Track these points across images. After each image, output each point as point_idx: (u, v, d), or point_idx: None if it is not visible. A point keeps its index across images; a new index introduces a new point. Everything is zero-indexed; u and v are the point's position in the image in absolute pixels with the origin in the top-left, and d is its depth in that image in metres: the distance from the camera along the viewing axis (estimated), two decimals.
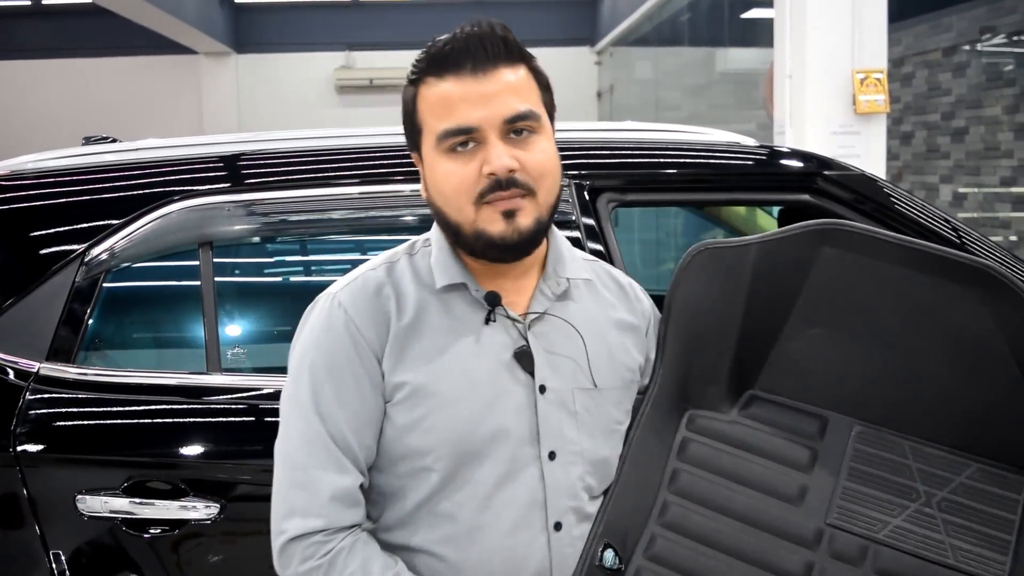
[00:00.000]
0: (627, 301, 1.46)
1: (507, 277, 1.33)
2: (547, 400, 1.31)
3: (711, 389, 1.49)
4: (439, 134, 1.25)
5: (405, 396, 1.27)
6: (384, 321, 1.29)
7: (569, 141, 2.15)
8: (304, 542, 1.23)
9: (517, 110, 1.24)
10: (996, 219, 7.21)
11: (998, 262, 2.00)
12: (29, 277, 1.83)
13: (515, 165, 1.23)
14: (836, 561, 1.34)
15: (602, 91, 13.95)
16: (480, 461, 1.27)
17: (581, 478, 1.33)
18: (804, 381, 1.49)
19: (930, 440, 1.43)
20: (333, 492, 1.24)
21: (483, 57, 1.24)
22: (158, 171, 1.99)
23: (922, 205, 2.15)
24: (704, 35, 10.83)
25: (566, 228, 1.96)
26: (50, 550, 1.70)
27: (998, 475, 1.40)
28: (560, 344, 1.34)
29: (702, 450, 1.45)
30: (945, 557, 1.33)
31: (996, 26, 7.14)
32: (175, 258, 1.97)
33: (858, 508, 1.38)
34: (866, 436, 1.45)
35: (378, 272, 1.33)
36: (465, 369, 1.28)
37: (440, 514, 1.28)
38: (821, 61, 5.04)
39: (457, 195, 1.25)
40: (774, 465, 1.43)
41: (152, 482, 1.72)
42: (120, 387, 1.79)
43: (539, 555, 1.29)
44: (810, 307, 1.47)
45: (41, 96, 13.53)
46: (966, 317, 1.38)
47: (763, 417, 1.48)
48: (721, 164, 2.17)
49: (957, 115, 7.64)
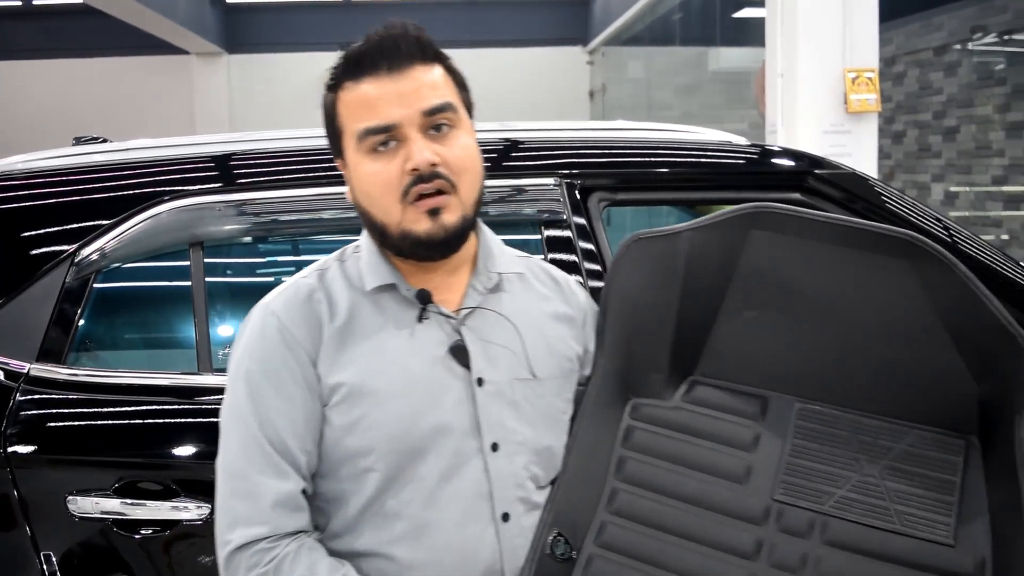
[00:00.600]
0: (562, 294, 1.47)
1: (437, 275, 1.34)
2: (486, 392, 1.32)
3: (652, 377, 1.51)
4: (359, 134, 1.26)
5: (342, 397, 1.28)
6: (317, 325, 1.30)
7: (560, 140, 2.16)
8: (249, 551, 1.23)
9: (434, 103, 1.26)
10: (987, 218, 7.23)
11: (991, 262, 2.01)
12: (19, 277, 1.82)
13: (436, 159, 1.25)
14: (785, 535, 1.37)
15: (594, 90, 13.97)
16: (423, 457, 1.28)
17: (526, 467, 1.33)
18: (743, 363, 1.52)
19: (870, 411, 1.46)
20: (275, 498, 1.24)
21: (398, 56, 1.25)
22: (148, 171, 1.98)
23: (913, 204, 2.16)
24: (696, 34, 10.85)
25: (557, 228, 1.96)
26: (41, 551, 1.69)
27: (937, 439, 1.43)
28: (496, 336, 1.35)
29: (647, 437, 1.48)
30: (892, 524, 1.36)
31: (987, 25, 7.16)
32: (166, 258, 1.96)
33: (803, 482, 1.41)
34: (807, 412, 1.48)
35: (309, 279, 1.35)
36: (401, 367, 1.29)
37: (386, 514, 1.28)
38: (813, 60, 5.05)
39: (383, 195, 1.27)
40: (719, 447, 1.46)
41: (143, 483, 1.71)
42: (111, 388, 1.79)
43: (489, 547, 1.29)
44: (744, 290, 1.50)
45: (32, 96, 13.51)
46: (896, 288, 1.41)
47: (705, 401, 1.51)
48: (712, 163, 2.17)
49: (948, 114, 7.67)
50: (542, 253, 1.95)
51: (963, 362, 1.39)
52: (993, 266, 1.99)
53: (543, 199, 2.00)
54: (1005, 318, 1.33)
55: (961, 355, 1.39)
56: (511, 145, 2.12)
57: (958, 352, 1.39)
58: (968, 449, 1.42)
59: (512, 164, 2.08)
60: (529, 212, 2.02)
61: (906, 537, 1.34)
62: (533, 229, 2.02)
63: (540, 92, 13.35)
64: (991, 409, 1.39)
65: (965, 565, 1.31)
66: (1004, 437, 1.34)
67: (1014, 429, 1.32)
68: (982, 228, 7.10)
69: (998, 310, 1.34)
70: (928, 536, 1.34)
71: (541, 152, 2.11)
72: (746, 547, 1.36)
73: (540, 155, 2.10)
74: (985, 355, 1.37)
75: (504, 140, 2.13)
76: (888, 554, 1.34)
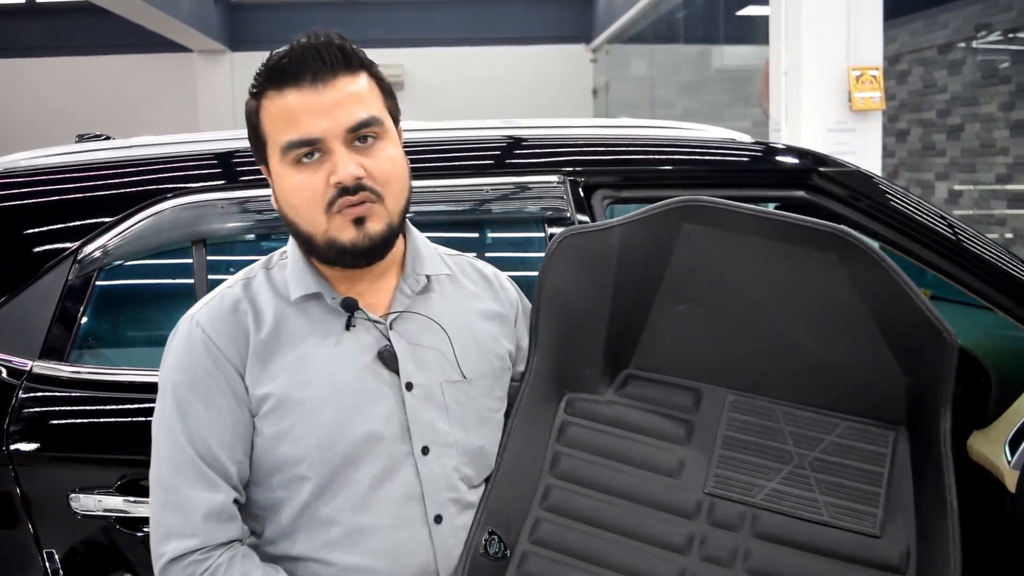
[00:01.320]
0: (492, 291, 1.48)
1: (364, 280, 1.34)
2: (415, 396, 1.32)
3: (587, 372, 1.52)
4: (283, 146, 1.25)
5: (271, 408, 1.28)
6: (243, 336, 1.30)
7: (564, 137, 2.15)
8: (182, 563, 1.24)
9: (359, 118, 1.25)
10: (992, 216, 7.22)
11: (996, 260, 2.00)
12: (22, 275, 1.82)
13: (361, 173, 1.24)
14: (716, 529, 1.38)
15: (597, 88, 13.95)
16: (356, 464, 1.28)
17: (457, 469, 1.34)
18: (677, 356, 1.53)
19: (801, 403, 1.48)
20: (207, 510, 1.25)
21: (321, 67, 1.24)
22: (151, 168, 1.98)
23: (918, 202, 2.15)
24: (699, 32, 10.84)
25: (561, 225, 1.95)
26: (43, 549, 1.69)
27: (866, 431, 1.45)
28: (424, 340, 1.35)
29: (581, 432, 1.48)
30: (820, 515, 1.38)
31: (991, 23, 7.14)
32: (168, 256, 1.96)
33: (735, 475, 1.43)
34: (739, 404, 1.50)
35: (234, 289, 1.34)
36: (328, 375, 1.29)
37: (320, 520, 1.29)
38: (817, 58, 5.05)
39: (308, 206, 1.26)
40: (652, 441, 1.47)
41: (146, 480, 1.71)
42: (114, 385, 1.78)
43: (422, 549, 1.30)
44: (676, 283, 1.50)
45: (35, 94, 13.51)
46: (826, 281, 1.42)
47: (639, 395, 1.52)
48: (716, 160, 2.17)
49: (952, 112, 7.65)
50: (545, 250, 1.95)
51: (891, 354, 1.41)
52: (999, 265, 1.98)
53: (547, 196, 1.99)
54: (931, 312, 1.34)
55: (889, 348, 1.41)
56: (515, 142, 2.12)
57: (886, 345, 1.41)
58: (896, 441, 1.44)
59: (516, 161, 2.08)
60: (533, 209, 2.02)
61: (834, 528, 1.36)
62: (537, 227, 2.02)
63: (543, 90, 13.33)
64: (918, 402, 1.41)
65: (890, 556, 1.33)
66: (930, 429, 1.36)
67: (939, 422, 1.33)
68: (986, 227, 7.09)
69: (924, 304, 1.35)
70: (855, 527, 1.36)
71: (545, 149, 2.11)
72: (678, 541, 1.37)
73: (544, 152, 2.09)
74: (912, 348, 1.39)
75: (508, 137, 2.12)
76: (816, 546, 1.35)
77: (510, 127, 2.17)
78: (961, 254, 1.99)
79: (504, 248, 2.45)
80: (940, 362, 1.34)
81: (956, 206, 7.57)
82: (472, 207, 2.03)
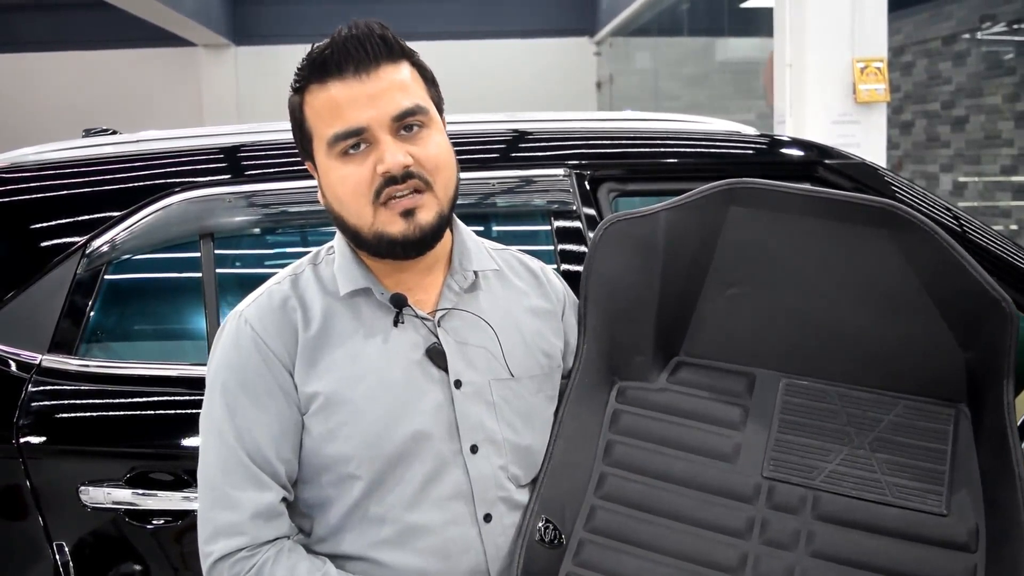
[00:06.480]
0: (539, 287, 1.46)
1: (412, 274, 1.33)
2: (464, 394, 1.31)
3: (637, 359, 1.50)
4: (329, 139, 1.25)
5: (320, 406, 1.27)
6: (291, 333, 1.29)
7: (569, 131, 2.15)
8: (230, 560, 1.24)
9: (404, 106, 1.24)
10: (996, 208, 7.21)
11: (1002, 252, 2.00)
12: (30, 269, 1.83)
13: (409, 161, 1.23)
14: (776, 512, 1.36)
15: (602, 81, 13.93)
16: (407, 462, 1.28)
17: (505, 468, 1.33)
18: (728, 341, 1.51)
19: (856, 384, 1.46)
20: (255, 510, 1.25)
21: (364, 58, 1.24)
22: (158, 163, 1.98)
23: (923, 194, 2.15)
24: (704, 24, 10.82)
25: (567, 219, 1.96)
26: (53, 541, 1.70)
27: (925, 409, 1.42)
28: (472, 337, 1.34)
29: (634, 420, 1.47)
30: (883, 495, 1.35)
31: (996, 14, 7.12)
32: (176, 250, 1.97)
33: (792, 458, 1.41)
34: (793, 387, 1.48)
35: (282, 286, 1.33)
36: (377, 373, 1.28)
37: (370, 519, 1.28)
38: (821, 50, 5.04)
39: (354, 197, 1.25)
40: (707, 426, 1.45)
41: (155, 473, 1.72)
42: (122, 379, 1.79)
43: (473, 549, 1.29)
44: (725, 267, 1.49)
45: (41, 89, 13.52)
46: (877, 258, 1.40)
47: (691, 381, 1.50)
48: (721, 153, 2.17)
49: (957, 104, 7.64)
50: (552, 244, 1.95)
51: (949, 329, 1.38)
52: (1004, 256, 1.98)
53: (553, 189, 2.00)
54: (987, 282, 1.32)
55: (946, 322, 1.38)
56: (520, 136, 2.12)
57: (943, 319, 1.38)
58: (957, 417, 1.41)
59: (521, 155, 2.08)
60: (539, 203, 2.02)
61: (898, 508, 1.34)
62: (543, 220, 2.02)
63: (547, 83, 13.32)
64: (978, 376, 1.38)
65: (958, 534, 1.31)
66: (993, 403, 1.34)
67: (1002, 394, 1.31)
68: (991, 218, 7.08)
69: (980, 274, 1.33)
70: (920, 506, 1.34)
71: (550, 143, 2.11)
72: (738, 526, 1.36)
73: (549, 146, 2.10)
74: (970, 321, 1.36)
75: (513, 131, 2.12)
76: (880, 526, 1.33)
77: (515, 120, 2.17)
78: (966, 245, 1.99)
79: (510, 242, 2.45)
80: (999, 333, 1.32)
81: (961, 198, 7.56)
82: (478, 201, 2.03)
